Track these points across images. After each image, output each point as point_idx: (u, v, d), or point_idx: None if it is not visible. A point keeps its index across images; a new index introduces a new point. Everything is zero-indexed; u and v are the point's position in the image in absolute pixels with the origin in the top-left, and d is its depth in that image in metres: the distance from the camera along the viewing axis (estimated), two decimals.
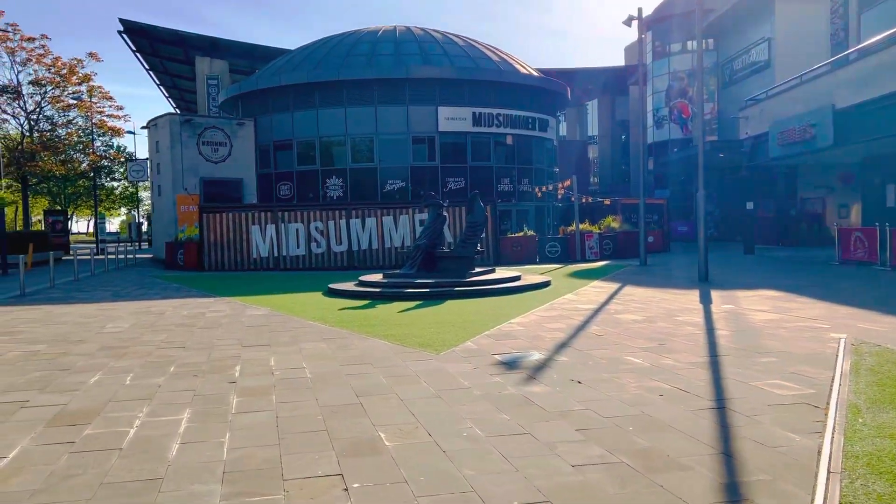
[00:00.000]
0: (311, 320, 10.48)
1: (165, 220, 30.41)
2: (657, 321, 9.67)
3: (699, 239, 15.41)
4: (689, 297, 12.48)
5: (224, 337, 9.01)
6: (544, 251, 24.15)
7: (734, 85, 39.55)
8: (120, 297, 14.79)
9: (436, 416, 5.13)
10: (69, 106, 33.19)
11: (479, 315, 10.58)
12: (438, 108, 30.12)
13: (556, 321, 9.85)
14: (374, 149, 30.38)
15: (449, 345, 8.07)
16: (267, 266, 23.35)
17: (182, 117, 29.93)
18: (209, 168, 30.31)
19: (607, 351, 7.56)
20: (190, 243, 24.29)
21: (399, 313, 11.04)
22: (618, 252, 25.26)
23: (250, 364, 7.18)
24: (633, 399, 5.53)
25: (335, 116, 30.41)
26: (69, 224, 49.09)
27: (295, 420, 5.07)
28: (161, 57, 45.99)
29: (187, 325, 10.23)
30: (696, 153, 35.93)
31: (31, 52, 32.08)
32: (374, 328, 9.48)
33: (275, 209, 23.92)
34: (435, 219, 15.80)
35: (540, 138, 33.27)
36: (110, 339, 8.93)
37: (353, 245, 23.41)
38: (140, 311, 11.95)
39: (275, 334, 9.16)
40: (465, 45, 32.98)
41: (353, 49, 31.50)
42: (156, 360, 7.47)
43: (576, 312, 10.73)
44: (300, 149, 31.25)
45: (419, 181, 30.10)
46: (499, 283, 14.35)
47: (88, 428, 4.95)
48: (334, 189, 30.43)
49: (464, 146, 30.79)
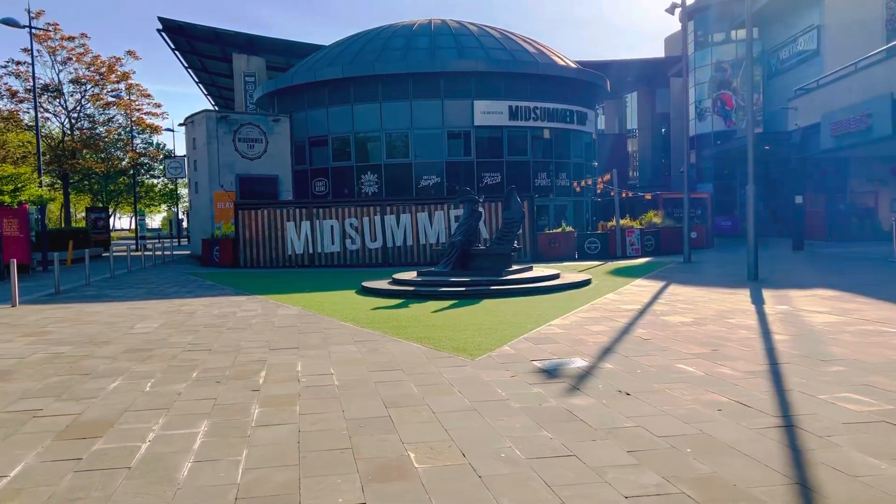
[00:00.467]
0: (342, 320, 10.12)
1: (202, 217, 30.51)
2: (707, 324, 9.07)
3: (749, 235, 14.67)
4: (739, 297, 11.81)
5: (252, 339, 8.70)
6: (583, 247, 23.51)
7: (780, 75, 38.22)
8: (153, 295, 14.66)
9: (471, 432, 4.69)
10: (108, 104, 33.51)
11: (516, 316, 10.10)
12: (474, 102, 29.62)
13: (599, 323, 9.32)
14: (409, 144, 30.02)
15: (485, 349, 7.62)
16: (302, 263, 23.17)
17: (218, 114, 29.94)
18: (245, 165, 30.28)
19: (656, 357, 7.02)
20: (226, 240, 24.24)
21: (433, 313, 10.63)
22: (660, 248, 24.48)
23: (276, 369, 6.83)
24: (689, 414, 5.01)
25: (370, 112, 30.13)
26: (111, 221, 49.81)
27: (318, 436, 4.68)
28: (199, 55, 46.33)
29: (216, 325, 9.96)
30: (740, 146, 34.83)
31: (71, 51, 32.49)
32: (406, 330, 9.08)
33: (309, 205, 23.72)
34: (470, 215, 15.34)
35: (578, 131, 32.53)
36: (137, 341, 8.69)
37: (388, 242, 23.08)
38: (171, 311, 11.75)
39: (304, 336, 8.82)
40: (502, 38, 32.39)
41: (387, 43, 31.17)
42: (179, 365, 7.17)
43: (619, 314, 10.18)
44: (335, 145, 31.05)
45: (454, 176, 29.67)
46: (537, 281, 13.84)
47: (99, 442, 4.62)
48: (369, 185, 30.18)
49: (500, 140, 30.24)
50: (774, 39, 38.91)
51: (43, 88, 31.24)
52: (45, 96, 31.61)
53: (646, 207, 29.82)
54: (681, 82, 53.43)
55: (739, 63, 40.21)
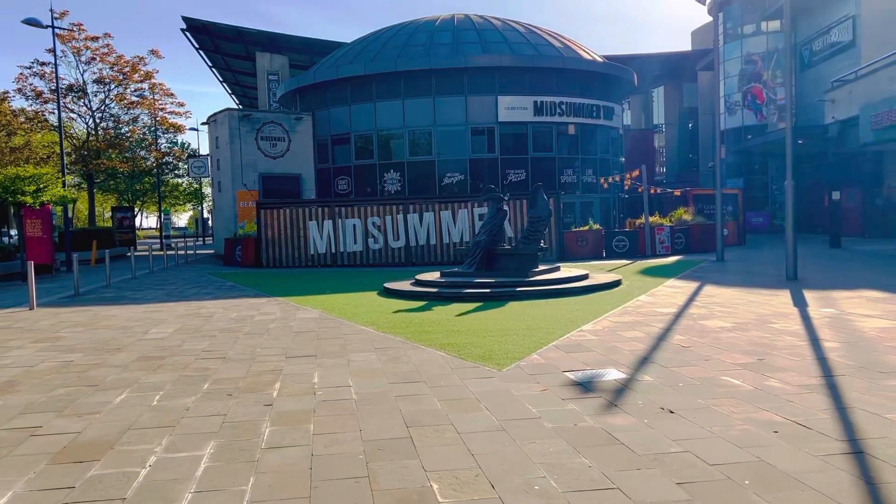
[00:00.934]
0: (363, 325, 9.73)
1: (226, 216, 30.40)
2: (749, 329, 8.52)
3: (787, 232, 14.01)
4: (779, 299, 11.21)
5: (269, 345, 8.33)
6: (611, 246, 22.91)
7: (812, 67, 37.16)
8: (172, 297, 14.41)
9: (500, 458, 4.24)
10: (132, 103, 33.52)
11: (544, 320, 9.62)
12: (498, 98, 29.09)
13: (633, 328, 8.81)
14: (433, 141, 29.58)
15: (513, 358, 7.16)
16: (324, 262, 22.87)
17: (241, 112, 29.79)
18: (268, 163, 30.11)
19: (698, 368, 6.51)
20: (248, 240, 24.02)
21: (457, 317, 10.19)
22: (690, 246, 23.79)
23: (291, 380, 6.44)
24: (742, 437, 4.51)
25: (393, 109, 29.75)
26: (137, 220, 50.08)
27: (332, 461, 4.27)
28: (223, 54, 46.36)
29: (233, 330, 9.62)
30: (772, 140, 33.92)
31: (95, 51, 32.53)
32: (429, 335, 8.65)
33: (332, 204, 23.40)
34: (495, 213, 14.87)
35: (605, 127, 31.85)
36: (150, 348, 8.37)
37: (411, 241, 22.69)
38: (188, 314, 11.45)
39: (323, 342, 8.44)
40: (526, 32, 31.81)
41: (410, 39, 30.75)
42: (191, 374, 6.81)
43: (654, 318, 9.65)
44: (358, 143, 30.73)
45: (478, 174, 29.19)
46: (564, 282, 13.33)
47: (95, 467, 4.26)
48: (392, 183, 29.81)
49: (525, 136, 29.68)
50: (807, 31, 37.83)
51: (67, 89, 31.33)
52: (69, 97, 31.68)
53: (675, 204, 29.10)
54: (709, 76, 52.44)
55: (770, 55, 39.21)
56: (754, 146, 37.38)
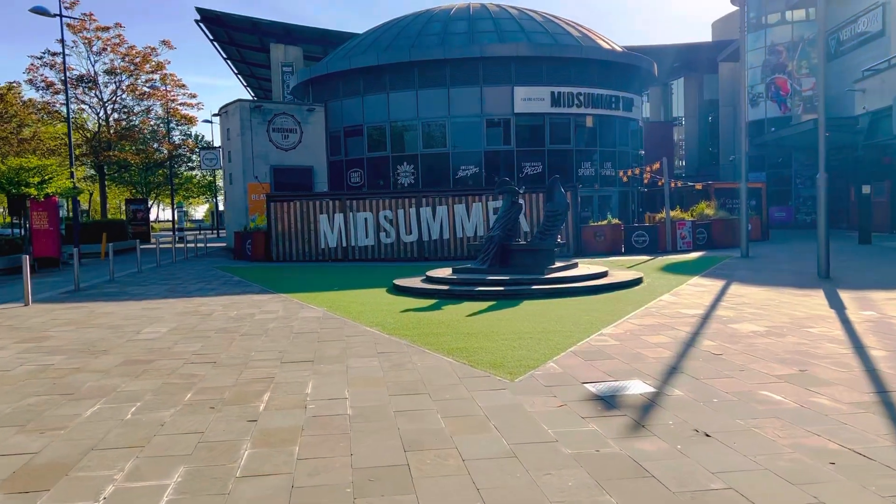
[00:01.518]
0: (368, 325, 9.14)
1: (237, 209, 29.97)
2: (785, 334, 7.83)
3: (819, 228, 13.24)
4: (813, 300, 10.48)
5: (264, 349, 7.77)
6: (630, 241, 22.16)
7: (839, 58, 36.01)
8: (174, 293, 13.91)
9: (510, 494, 3.63)
10: (144, 94, 33.13)
11: (561, 322, 8.98)
12: (514, 89, 28.35)
13: (658, 332, 8.15)
14: (447, 133, 28.91)
15: (526, 366, 6.54)
16: (335, 257, 22.35)
17: (252, 104, 29.30)
18: (279, 155, 29.61)
19: (733, 380, 5.85)
20: (258, 233, 23.55)
21: (468, 318, 9.58)
22: (712, 242, 22.98)
23: (283, 391, 5.86)
24: (793, 469, 3.86)
25: (406, 100, 29.11)
26: (150, 213, 49.90)
27: (314, 494, 3.67)
28: (237, 45, 45.96)
29: (230, 330, 9.08)
30: (799, 132, 32.88)
31: (106, 42, 32.18)
32: (437, 338, 8.05)
33: (343, 197, 22.86)
34: (510, 207, 14.22)
35: (624, 118, 31.01)
36: (138, 350, 7.84)
37: (424, 235, 22.10)
38: (187, 312, 10.93)
39: (323, 345, 7.86)
40: (544, 21, 31.02)
41: (424, 29, 30.08)
42: (176, 382, 6.26)
43: (680, 320, 8.97)
44: (371, 134, 30.14)
45: (493, 166, 28.50)
46: (583, 280, 12.67)
47: (42, 498, 3.69)
48: (405, 176, 29.21)
49: (541, 128, 28.93)
50: (833, 20, 36.63)
51: (78, 80, 30.99)
52: (80, 88, 31.34)
53: (696, 198, 28.24)
54: (730, 67, 51.22)
55: (795, 45, 38.11)
56: (780, 139, 36.34)
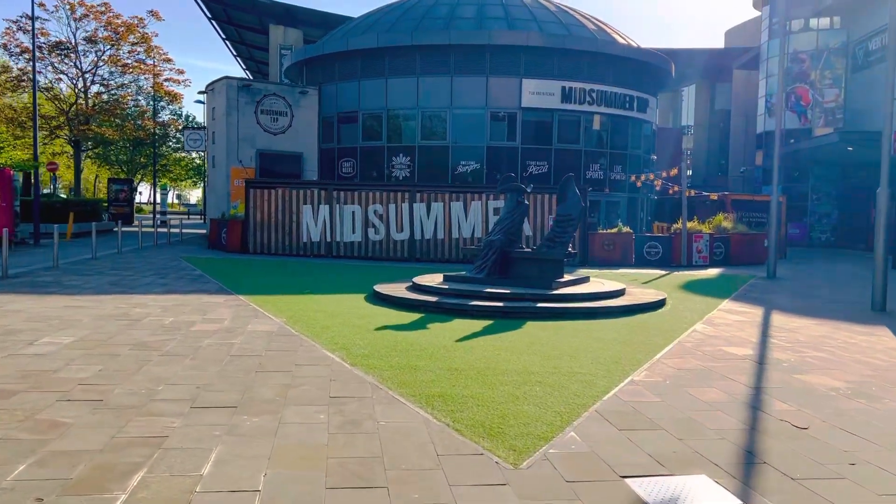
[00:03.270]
0: (329, 349, 7.15)
1: (219, 195, 27.90)
2: (879, 395, 5.85)
3: (876, 252, 11.27)
4: (883, 341, 8.50)
5: (180, 380, 5.76)
6: (642, 252, 20.20)
7: (866, 69, 34.13)
8: (116, 287, 11.89)
9: None
10: (126, 66, 30.91)
11: (577, 358, 6.99)
12: (523, 81, 26.32)
13: (707, 382, 6.17)
14: (448, 124, 26.87)
15: (537, 436, 4.54)
16: (318, 252, 20.36)
17: (240, 82, 27.23)
18: (267, 139, 27.56)
19: (849, 487, 3.86)
20: (234, 222, 21.55)
21: (458, 343, 7.60)
22: (730, 258, 21.02)
23: (166, 468, 3.86)
24: None
25: (406, 86, 27.05)
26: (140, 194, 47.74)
27: None
28: (236, 25, 44.01)
29: (151, 346, 7.07)
30: (817, 146, 30.97)
31: (90, 9, 30.04)
32: (415, 375, 6.06)
33: (329, 187, 20.84)
34: (514, 208, 12.23)
35: (638, 120, 29.03)
36: (8, 373, 5.82)
37: (416, 233, 20.11)
38: (112, 315, 8.91)
39: (261, 379, 5.86)
40: (557, 11, 29.01)
41: (429, 12, 28.03)
42: (18, 438, 4.25)
43: (729, 364, 6.99)
44: (366, 122, 28.09)
45: (495, 163, 26.49)
46: (597, 298, 10.68)
47: None
48: (401, 168, 27.16)
49: (549, 125, 26.91)
50: (861, 30, 34.79)
51: (53, 46, 28.81)
52: (57, 55, 29.17)
53: (709, 209, 26.28)
54: (745, 75, 49.24)
55: (819, 54, 36.20)
56: (797, 151, 34.42)
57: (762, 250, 22.77)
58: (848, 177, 35.20)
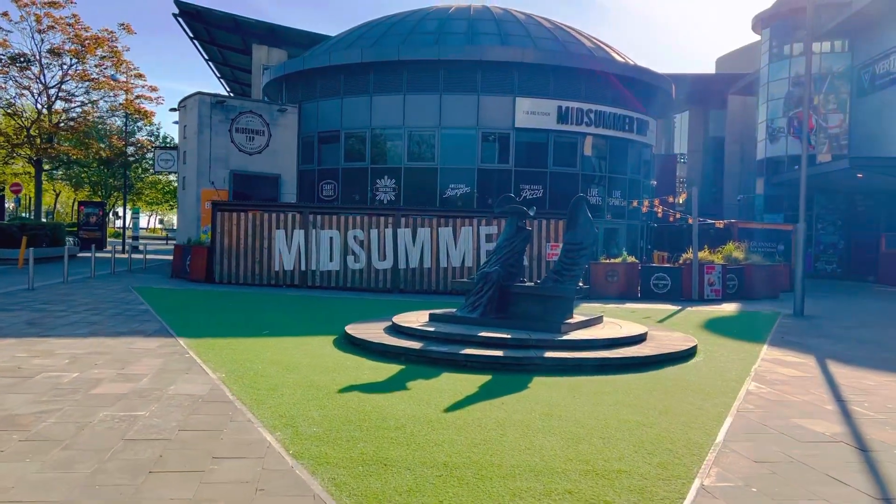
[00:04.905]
0: (268, 426, 5.18)
1: (189, 219, 25.93)
2: None
3: None
4: None
5: (18, 496, 3.77)
6: (649, 284, 18.35)
7: (873, 93, 32.80)
8: (34, 326, 9.85)
9: None
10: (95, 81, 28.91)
11: (611, 442, 5.05)
12: (516, 100, 24.63)
13: (807, 487, 4.24)
14: (436, 145, 25.07)
15: None
16: (291, 282, 18.40)
17: (214, 98, 25.39)
18: (242, 160, 25.70)
19: None
20: (199, 248, 19.55)
21: (445, 414, 5.66)
22: (743, 290, 19.19)
23: None
24: None
25: (392, 104, 25.29)
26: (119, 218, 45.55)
27: None
28: (219, 46, 42.44)
29: (17, 424, 5.08)
30: (822, 174, 29.46)
31: (57, 20, 28.21)
32: (383, 483, 4.10)
33: (305, 210, 18.92)
34: (513, 234, 10.37)
35: (637, 143, 27.39)
36: None
37: (400, 261, 18.21)
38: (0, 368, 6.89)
39: (149, 489, 3.88)
40: (553, 28, 27.49)
41: (417, 26, 26.38)
42: None
43: (819, 452, 5.06)
44: (349, 142, 26.25)
45: (487, 186, 24.69)
46: (616, 345, 8.76)
47: None
48: (385, 191, 25.29)
49: (545, 147, 25.17)
50: (865, 54, 33.56)
51: (13, 58, 26.85)
52: (16, 67, 27.19)
53: (715, 238, 24.56)
54: (741, 101, 47.94)
55: (823, 78, 34.90)
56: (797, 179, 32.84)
57: (778, 283, 21.05)
58: (854, 205, 33.73)
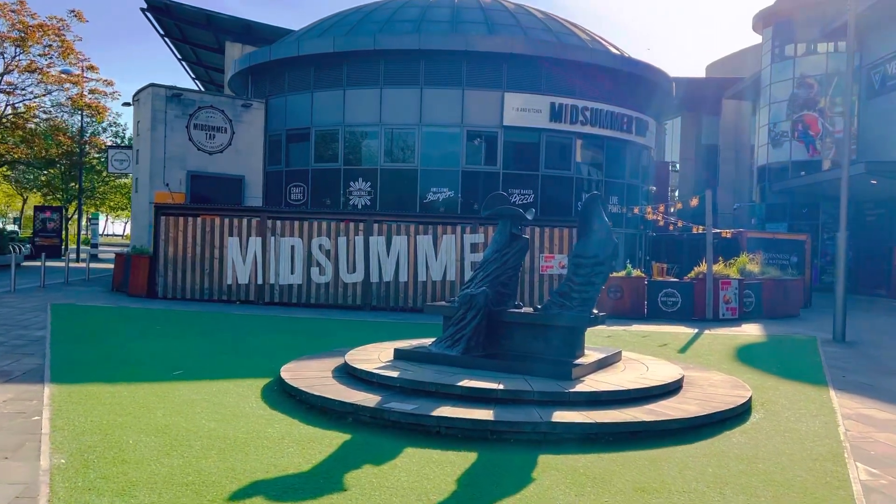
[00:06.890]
0: None
1: (140, 225, 23.35)
2: None
3: None
4: None
5: None
6: (657, 302, 16.02)
7: (882, 95, 30.89)
8: None
9: None
10: (39, 71, 26.22)
11: None
12: (505, 95, 22.29)
13: None
14: (416, 144, 22.66)
15: None
16: (245, 297, 15.92)
17: (169, 91, 22.86)
18: (201, 159, 23.16)
19: None
20: (139, 259, 16.99)
21: None
22: (762, 308, 16.91)
23: None
24: None
25: (367, 99, 22.88)
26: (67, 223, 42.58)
27: None
28: (192, 44, 39.95)
29: None
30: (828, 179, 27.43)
31: (0, 7, 25.58)
32: None
33: (262, 214, 16.46)
34: (507, 243, 7.96)
35: (636, 144, 25.17)
36: None
37: (372, 274, 15.78)
38: None
39: None
40: (545, 18, 25.23)
41: (396, 14, 24.02)
42: None
43: None
44: (319, 140, 23.78)
45: (472, 190, 22.31)
46: (646, 398, 6.37)
47: None
48: (360, 195, 22.83)
49: (536, 147, 22.83)
50: (875, 53, 31.66)
51: None
52: None
53: (719, 249, 22.26)
54: (736, 107, 45.89)
55: (829, 79, 32.97)
56: (808, 186, 30.90)
57: (795, 299, 18.87)
58: (863, 214, 31.73)
